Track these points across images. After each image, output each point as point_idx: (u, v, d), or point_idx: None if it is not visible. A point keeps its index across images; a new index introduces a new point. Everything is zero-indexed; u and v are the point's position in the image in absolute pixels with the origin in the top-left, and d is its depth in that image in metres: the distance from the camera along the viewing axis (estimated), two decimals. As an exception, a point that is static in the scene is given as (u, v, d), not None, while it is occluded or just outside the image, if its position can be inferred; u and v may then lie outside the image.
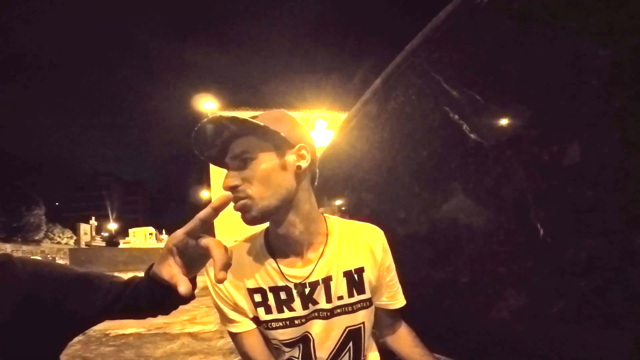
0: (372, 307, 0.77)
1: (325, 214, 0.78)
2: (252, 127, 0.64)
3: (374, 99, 1.13)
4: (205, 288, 0.75)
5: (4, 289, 0.63)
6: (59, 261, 11.11)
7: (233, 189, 0.65)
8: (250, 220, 0.66)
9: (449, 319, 0.86)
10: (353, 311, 0.74)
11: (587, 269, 0.52)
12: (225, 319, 0.74)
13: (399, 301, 0.82)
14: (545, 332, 0.62)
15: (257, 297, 0.72)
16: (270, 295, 0.72)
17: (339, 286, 0.73)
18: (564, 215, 0.54)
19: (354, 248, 0.75)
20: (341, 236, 0.76)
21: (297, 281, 0.71)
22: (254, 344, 0.73)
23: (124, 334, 2.71)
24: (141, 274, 0.70)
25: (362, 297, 0.75)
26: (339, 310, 0.73)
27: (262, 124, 0.63)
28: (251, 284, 0.72)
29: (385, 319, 0.84)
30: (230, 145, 0.68)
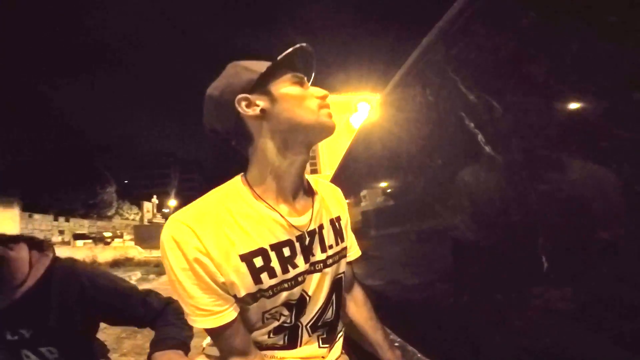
0: (347, 258, 0.79)
1: None
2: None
3: (405, 82, 1.04)
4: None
5: (67, 289, 0.85)
6: (127, 236, 12.37)
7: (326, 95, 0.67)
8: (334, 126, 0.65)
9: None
10: (339, 260, 0.74)
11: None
12: (201, 312, 0.57)
13: (356, 252, 0.84)
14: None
15: (258, 262, 0.59)
16: (272, 255, 0.60)
17: (329, 234, 0.71)
18: (573, 251, 0.46)
19: (329, 198, 0.77)
20: (318, 186, 0.76)
21: (299, 233, 0.64)
22: (238, 333, 0.61)
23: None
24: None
25: (344, 244, 0.76)
26: (330, 261, 0.71)
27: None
28: (247, 247, 0.59)
29: (346, 275, 0.82)
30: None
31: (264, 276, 0.60)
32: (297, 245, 0.64)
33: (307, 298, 0.68)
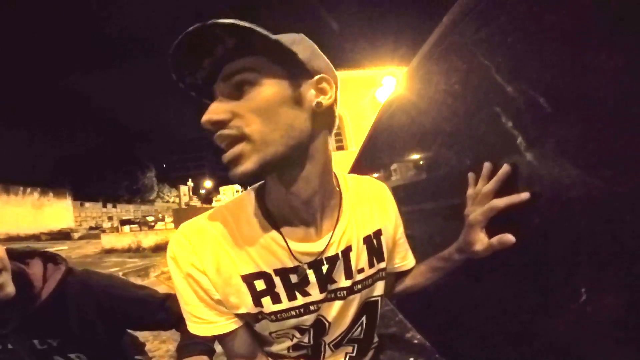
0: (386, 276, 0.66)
1: None
2: (259, 42, 0.44)
3: (433, 54, 0.91)
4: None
5: (83, 301, 0.85)
6: (168, 219, 13.05)
7: (219, 125, 0.46)
8: (244, 174, 0.46)
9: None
10: (372, 284, 0.62)
11: None
12: (196, 320, 0.54)
13: (411, 260, 0.72)
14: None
15: (260, 285, 0.54)
16: (277, 280, 0.54)
17: (360, 257, 0.60)
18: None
19: (367, 207, 0.63)
20: (353, 194, 0.62)
21: (312, 259, 0.55)
22: (239, 342, 0.57)
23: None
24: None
25: (381, 265, 0.64)
26: (359, 286, 0.60)
27: (273, 37, 0.44)
28: (248, 268, 0.53)
29: (397, 284, 0.75)
30: (223, 69, 0.47)
31: (266, 300, 0.54)
32: (311, 272, 0.55)
33: (327, 324, 0.60)
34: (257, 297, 0.54)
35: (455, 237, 0.63)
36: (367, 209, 0.63)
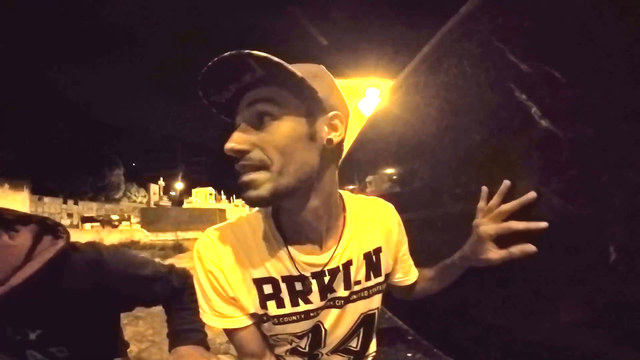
0: (384, 291, 0.72)
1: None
2: (285, 76, 0.49)
3: (422, 69, 0.97)
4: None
5: (80, 277, 0.73)
6: (134, 219, 12.46)
7: (240, 153, 0.50)
8: (257, 201, 0.51)
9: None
10: (369, 296, 0.68)
11: None
12: (214, 313, 0.61)
13: (413, 275, 0.77)
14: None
15: (267, 289, 0.60)
16: (283, 286, 0.61)
17: (359, 270, 0.66)
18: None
19: (370, 226, 0.68)
20: (356, 214, 0.67)
21: (315, 270, 0.61)
22: (250, 337, 0.63)
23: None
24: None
25: (379, 279, 0.69)
26: (354, 297, 0.66)
27: (299, 74, 0.48)
28: (259, 273, 0.60)
29: (401, 295, 0.81)
30: (247, 94, 0.52)
31: (271, 304, 0.61)
32: (314, 282, 0.61)
33: (324, 330, 0.66)
34: (264, 299, 0.60)
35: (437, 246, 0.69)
36: (370, 228, 0.68)
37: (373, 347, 0.78)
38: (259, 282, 0.60)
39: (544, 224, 0.53)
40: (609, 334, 0.47)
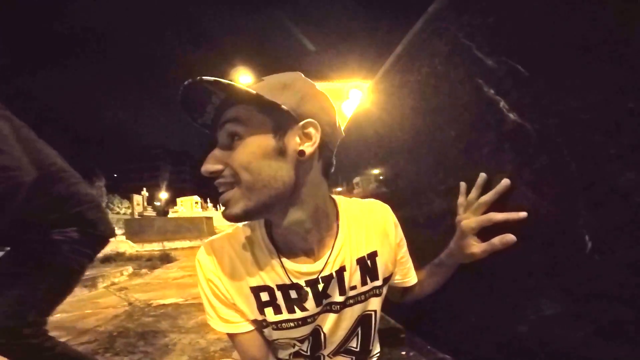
0: (384, 294, 0.71)
1: (332, 195, 0.67)
2: (242, 95, 0.50)
3: (395, 68, 0.99)
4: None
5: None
6: (118, 231, 12.17)
7: (215, 174, 0.53)
8: (232, 217, 0.53)
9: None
10: (365, 300, 0.68)
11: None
12: (219, 319, 0.63)
13: (412, 278, 0.76)
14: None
15: (264, 296, 0.62)
16: (278, 294, 0.62)
17: (353, 276, 0.65)
18: (619, 226, 0.41)
19: (364, 231, 0.67)
20: (350, 219, 0.67)
21: (309, 278, 0.62)
22: (252, 342, 0.65)
23: (164, 304, 2.84)
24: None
25: (375, 283, 0.68)
26: (351, 301, 0.66)
27: (253, 91, 0.49)
28: (255, 281, 0.62)
29: (396, 297, 0.81)
30: (222, 115, 0.54)
31: (269, 311, 0.62)
32: (308, 289, 0.62)
33: (323, 334, 0.67)
34: (261, 306, 0.62)
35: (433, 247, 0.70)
36: (363, 233, 0.67)
37: (377, 347, 0.78)
38: (255, 290, 0.62)
39: (523, 214, 0.54)
40: (590, 324, 0.48)
